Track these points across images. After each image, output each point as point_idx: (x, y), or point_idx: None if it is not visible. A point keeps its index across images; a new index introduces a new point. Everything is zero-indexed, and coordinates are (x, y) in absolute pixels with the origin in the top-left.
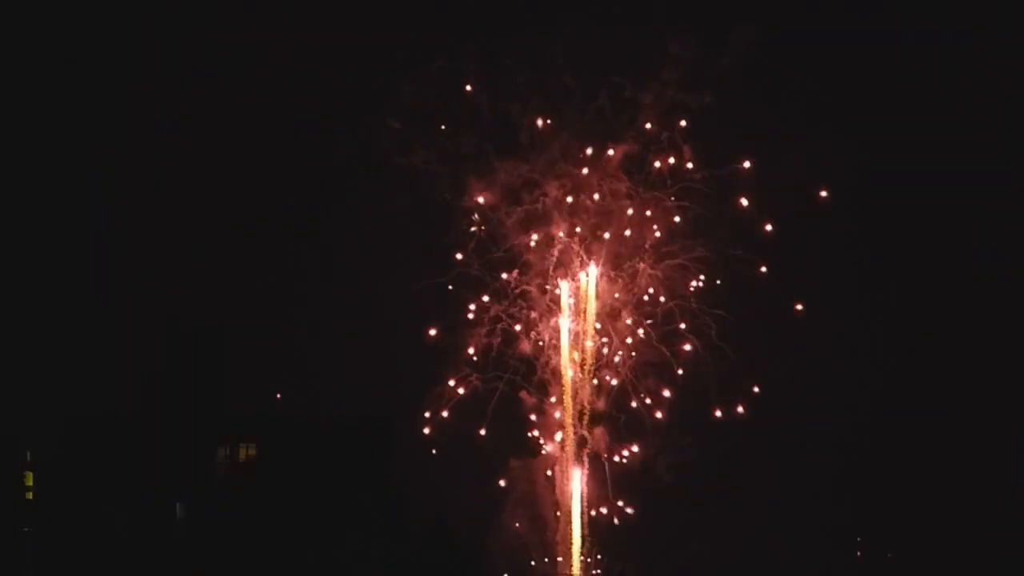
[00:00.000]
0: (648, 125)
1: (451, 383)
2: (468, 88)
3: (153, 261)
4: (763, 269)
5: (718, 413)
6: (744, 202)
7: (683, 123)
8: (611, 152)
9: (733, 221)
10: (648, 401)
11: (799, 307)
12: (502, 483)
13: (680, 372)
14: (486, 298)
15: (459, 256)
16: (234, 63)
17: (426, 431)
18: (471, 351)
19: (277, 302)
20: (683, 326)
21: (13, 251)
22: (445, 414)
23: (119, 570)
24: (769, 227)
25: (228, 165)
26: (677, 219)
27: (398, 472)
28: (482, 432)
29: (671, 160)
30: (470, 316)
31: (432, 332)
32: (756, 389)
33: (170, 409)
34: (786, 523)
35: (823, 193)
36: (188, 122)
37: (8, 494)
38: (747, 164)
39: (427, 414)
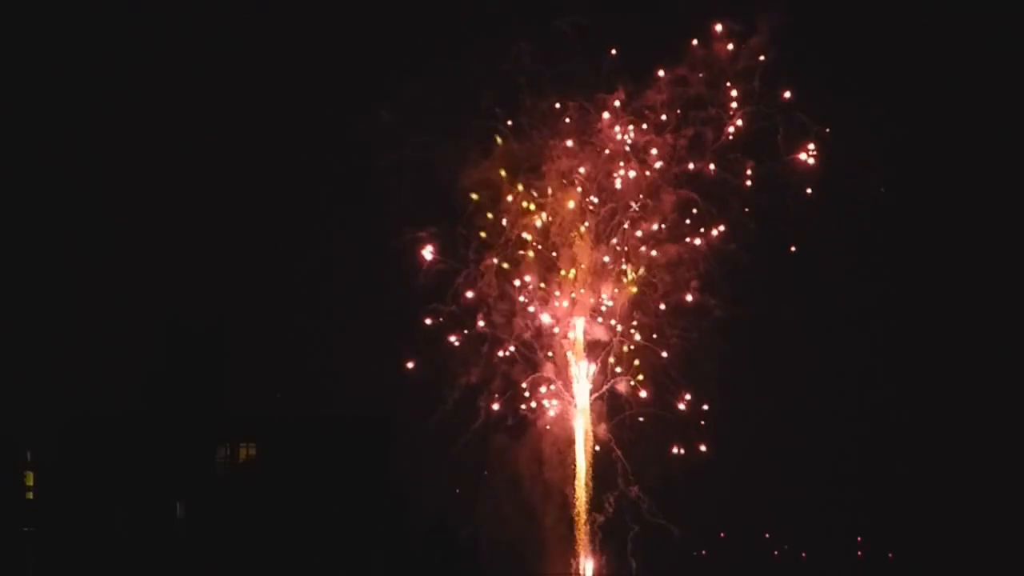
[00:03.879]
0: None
1: (450, 378)
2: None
3: (154, 262)
4: (763, 264)
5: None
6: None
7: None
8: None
9: (734, 219)
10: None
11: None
12: (499, 472)
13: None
14: (483, 287)
15: (458, 241)
16: (233, 64)
17: (426, 426)
18: (470, 343)
19: (276, 302)
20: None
21: (13, 251)
22: (445, 406)
23: (119, 570)
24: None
25: (227, 166)
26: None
27: (396, 472)
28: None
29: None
30: (468, 303)
31: (431, 323)
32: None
33: (170, 409)
34: (786, 521)
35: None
36: (188, 122)
37: (8, 494)
38: (752, 163)
39: (427, 408)
